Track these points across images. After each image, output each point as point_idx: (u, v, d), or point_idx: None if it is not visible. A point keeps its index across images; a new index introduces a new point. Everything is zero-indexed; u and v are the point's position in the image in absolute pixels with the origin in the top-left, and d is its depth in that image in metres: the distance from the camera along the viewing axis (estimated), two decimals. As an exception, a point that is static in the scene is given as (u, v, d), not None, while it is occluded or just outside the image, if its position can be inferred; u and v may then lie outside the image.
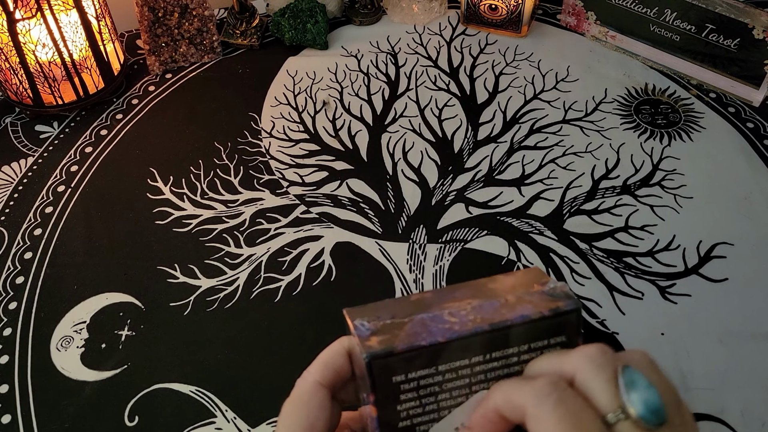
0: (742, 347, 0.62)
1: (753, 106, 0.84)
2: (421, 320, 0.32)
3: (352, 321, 0.33)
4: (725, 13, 0.79)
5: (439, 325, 0.32)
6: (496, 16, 0.92)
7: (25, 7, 0.75)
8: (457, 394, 0.32)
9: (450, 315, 0.32)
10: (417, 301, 0.34)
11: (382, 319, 0.33)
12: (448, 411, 0.33)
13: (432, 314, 0.33)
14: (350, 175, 0.79)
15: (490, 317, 0.32)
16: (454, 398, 0.33)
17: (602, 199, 0.75)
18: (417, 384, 0.32)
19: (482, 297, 0.33)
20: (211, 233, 0.73)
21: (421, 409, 0.32)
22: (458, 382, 0.32)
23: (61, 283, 0.70)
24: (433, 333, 0.31)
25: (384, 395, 0.32)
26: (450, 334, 0.31)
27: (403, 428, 0.33)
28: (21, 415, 0.61)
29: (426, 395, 0.32)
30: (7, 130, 0.85)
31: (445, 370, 0.32)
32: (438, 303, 0.33)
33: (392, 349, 0.31)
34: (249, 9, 0.94)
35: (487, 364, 0.32)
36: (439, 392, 0.32)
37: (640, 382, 0.27)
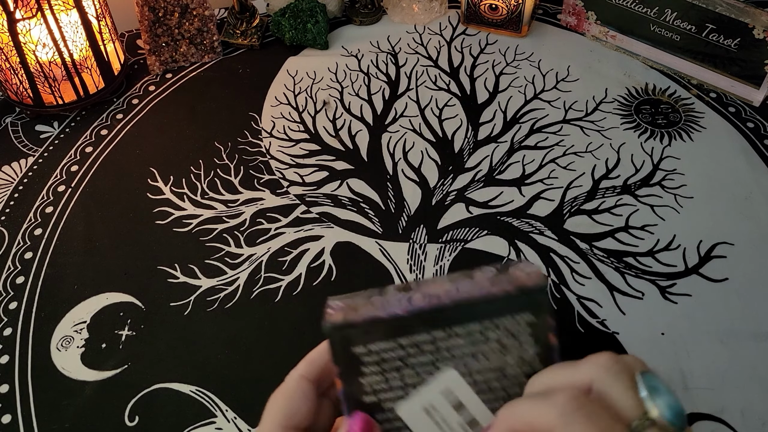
0: (742, 347, 0.62)
1: (753, 106, 0.84)
2: (386, 300, 0.33)
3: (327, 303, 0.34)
4: (725, 13, 0.79)
5: (403, 302, 0.32)
6: (496, 15, 0.92)
7: (26, 7, 0.75)
8: (422, 370, 0.33)
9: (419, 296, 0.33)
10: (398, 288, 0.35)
11: (352, 301, 0.33)
12: (414, 388, 0.33)
13: (399, 295, 0.33)
14: (350, 174, 0.79)
15: (454, 293, 0.32)
16: (419, 375, 0.33)
17: (602, 199, 0.75)
18: (379, 357, 0.32)
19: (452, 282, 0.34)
20: (212, 233, 0.73)
21: (386, 384, 0.33)
22: (422, 357, 0.32)
23: (62, 283, 0.70)
24: (393, 306, 0.32)
25: (345, 366, 0.32)
26: (410, 308, 0.32)
27: (369, 403, 0.33)
28: (21, 415, 0.61)
29: (390, 369, 0.32)
30: (7, 130, 0.85)
31: (407, 344, 0.32)
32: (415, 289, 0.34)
33: (351, 320, 0.32)
34: (249, 9, 0.94)
35: (450, 339, 0.32)
36: (402, 367, 0.32)
37: (662, 388, 0.27)
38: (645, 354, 0.62)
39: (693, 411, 0.59)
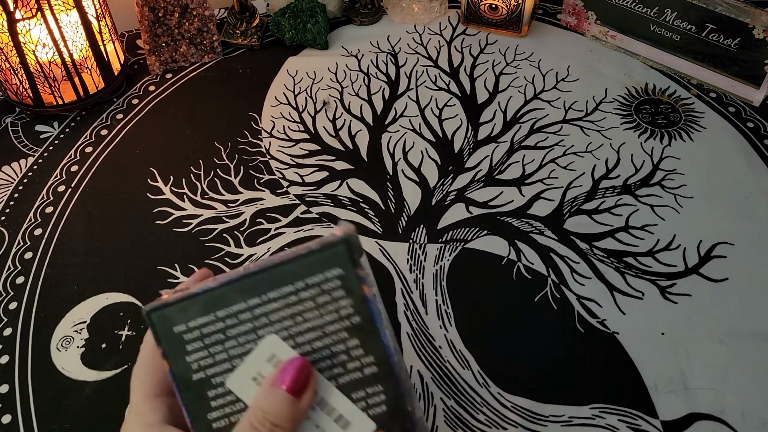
0: (742, 347, 0.62)
1: (753, 106, 0.84)
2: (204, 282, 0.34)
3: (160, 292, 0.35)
4: (725, 13, 0.79)
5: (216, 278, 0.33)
6: (496, 15, 0.92)
7: (26, 7, 0.75)
8: (244, 340, 0.33)
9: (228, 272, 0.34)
10: None
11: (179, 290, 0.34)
12: (240, 359, 0.33)
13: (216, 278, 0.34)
14: (350, 175, 0.79)
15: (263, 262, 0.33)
16: (242, 345, 0.33)
17: (602, 199, 0.75)
18: (200, 333, 0.33)
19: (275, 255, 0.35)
20: (212, 233, 0.73)
21: (212, 359, 0.33)
22: (242, 327, 0.33)
23: (62, 283, 0.70)
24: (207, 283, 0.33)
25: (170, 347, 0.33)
26: (221, 280, 0.33)
27: (198, 381, 0.33)
28: (21, 415, 0.61)
29: (212, 344, 0.33)
30: (7, 130, 0.85)
31: (225, 315, 0.33)
32: None
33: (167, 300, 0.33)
34: (249, 9, 0.94)
35: (267, 305, 0.33)
36: (225, 340, 0.33)
37: None
38: (645, 354, 0.62)
39: (693, 411, 0.59)
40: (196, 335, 0.33)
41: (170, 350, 0.33)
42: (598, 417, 0.59)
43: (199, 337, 0.33)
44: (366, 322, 0.33)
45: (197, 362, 0.33)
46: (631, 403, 0.59)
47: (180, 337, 0.33)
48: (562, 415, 0.59)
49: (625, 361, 0.62)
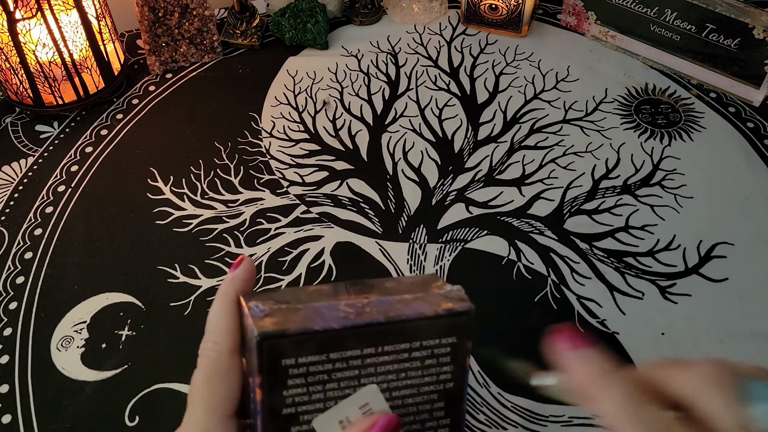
0: (742, 347, 0.62)
1: (753, 106, 0.84)
2: (316, 308, 0.32)
3: (246, 303, 0.33)
4: (725, 13, 0.79)
5: (335, 314, 0.32)
6: (496, 15, 0.92)
7: (26, 7, 0.75)
8: (345, 385, 0.32)
9: (347, 306, 0.32)
10: (314, 291, 0.34)
11: (278, 304, 0.32)
12: (335, 402, 0.32)
13: (328, 303, 0.33)
14: (350, 174, 0.79)
15: (386, 311, 0.32)
16: (342, 389, 0.32)
17: (602, 199, 0.75)
18: (306, 370, 0.31)
19: (379, 293, 0.34)
20: (212, 233, 0.73)
21: (308, 397, 0.32)
22: (348, 372, 0.32)
23: (62, 283, 0.70)
24: (327, 320, 0.31)
25: (271, 378, 0.31)
26: (345, 322, 0.31)
27: (287, 415, 0.32)
28: (21, 415, 0.61)
29: (314, 383, 0.32)
30: (7, 130, 0.85)
31: (337, 358, 0.32)
32: (334, 295, 0.34)
33: (284, 330, 0.31)
34: (249, 9, 0.94)
35: (379, 357, 0.32)
36: (327, 381, 0.32)
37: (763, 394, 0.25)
38: (645, 354, 0.62)
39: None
40: (302, 372, 0.31)
41: (269, 382, 0.31)
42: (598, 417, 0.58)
43: (303, 374, 0.31)
44: (456, 390, 0.34)
45: (293, 398, 0.32)
46: (631, 403, 0.59)
47: (285, 371, 0.31)
48: (562, 415, 0.59)
49: (626, 361, 0.62)
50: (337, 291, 0.34)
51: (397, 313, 0.32)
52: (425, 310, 0.32)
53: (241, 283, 0.35)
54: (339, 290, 0.34)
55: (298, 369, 0.31)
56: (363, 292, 0.34)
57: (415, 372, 0.33)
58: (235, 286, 0.35)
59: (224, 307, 0.34)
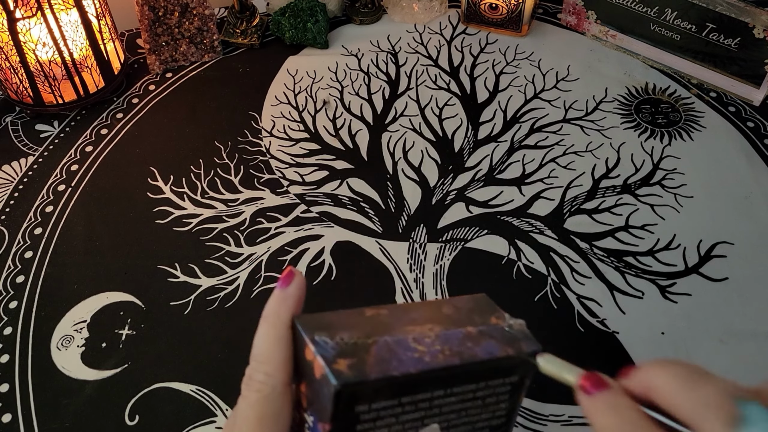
0: (742, 346, 0.62)
1: (753, 106, 0.84)
2: (386, 344, 0.30)
3: (310, 336, 0.30)
4: (726, 13, 0.79)
5: (408, 353, 0.30)
6: (496, 15, 0.92)
7: (26, 6, 0.75)
8: (410, 426, 0.31)
9: (415, 341, 0.31)
10: (373, 317, 0.32)
11: (344, 338, 0.30)
12: None
13: (396, 338, 0.31)
14: (350, 174, 0.79)
15: (457, 349, 0.31)
16: (405, 429, 0.31)
17: (602, 199, 0.75)
18: (377, 415, 0.30)
19: (440, 323, 0.33)
20: (212, 232, 0.73)
21: None
22: (414, 414, 0.31)
23: (62, 282, 0.70)
24: (404, 362, 0.29)
25: (341, 424, 0.29)
26: (422, 366, 0.30)
27: None
28: (21, 414, 0.61)
29: (381, 426, 0.30)
30: (7, 130, 0.85)
31: (407, 402, 0.30)
32: (397, 324, 0.32)
33: (364, 377, 0.28)
34: (249, 8, 0.94)
35: (446, 398, 0.31)
36: (393, 423, 0.31)
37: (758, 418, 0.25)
38: (645, 354, 0.62)
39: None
40: (372, 416, 0.30)
41: (340, 427, 0.29)
42: None
43: (373, 419, 0.30)
44: (505, 425, 0.34)
45: None
46: (631, 402, 0.59)
47: (356, 417, 0.29)
48: (563, 414, 0.59)
49: (625, 361, 0.62)
50: (397, 318, 0.32)
51: (470, 354, 0.31)
52: (496, 351, 0.31)
53: (294, 303, 0.31)
54: (399, 317, 0.32)
55: (369, 414, 0.30)
56: (423, 321, 0.32)
57: (475, 410, 0.32)
58: (288, 306, 0.31)
59: (277, 333, 0.31)
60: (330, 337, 0.30)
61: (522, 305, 0.66)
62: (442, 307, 0.34)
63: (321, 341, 0.30)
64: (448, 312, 0.34)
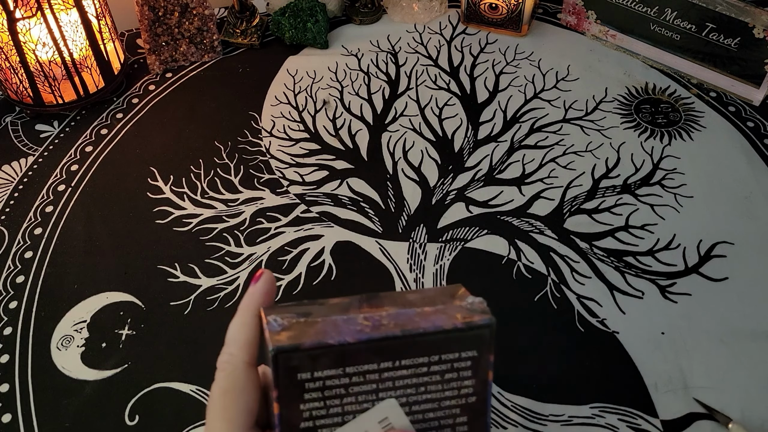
0: (742, 346, 0.62)
1: (753, 105, 0.84)
2: (334, 321, 0.32)
3: (266, 317, 0.33)
4: (725, 12, 0.79)
5: (351, 327, 0.31)
6: (496, 15, 0.92)
7: (25, 6, 0.75)
8: (363, 399, 0.32)
9: (364, 319, 0.32)
10: (335, 304, 0.34)
11: (296, 318, 0.32)
12: (353, 416, 0.32)
13: (346, 317, 0.32)
14: (350, 174, 0.79)
15: (403, 324, 0.32)
16: (360, 403, 0.32)
17: (602, 199, 0.75)
18: (322, 384, 0.31)
19: (400, 306, 0.33)
20: (212, 232, 0.73)
21: (325, 411, 0.32)
22: (365, 386, 0.32)
23: (62, 282, 0.70)
24: (343, 333, 0.31)
25: (287, 392, 0.31)
26: (360, 336, 0.31)
27: (304, 429, 0.32)
28: (21, 414, 0.61)
29: (331, 397, 0.32)
30: (7, 130, 0.85)
31: (353, 372, 0.31)
32: (355, 308, 0.33)
33: (299, 344, 0.31)
34: (249, 8, 0.94)
35: (397, 371, 0.32)
36: (344, 395, 0.32)
37: None
38: (645, 353, 0.62)
39: (693, 410, 0.59)
40: (318, 386, 0.31)
41: (286, 396, 0.31)
42: (598, 416, 0.59)
43: (319, 388, 0.31)
44: (479, 403, 0.34)
45: (310, 411, 0.32)
46: (630, 402, 0.59)
47: (301, 385, 0.31)
48: (562, 414, 0.59)
49: (625, 361, 0.62)
50: (359, 304, 0.34)
51: (414, 326, 0.32)
52: (443, 323, 0.32)
53: (261, 297, 0.35)
54: (361, 303, 0.34)
55: (314, 383, 0.31)
56: (384, 305, 0.33)
57: (435, 386, 0.33)
58: (255, 299, 0.35)
59: (243, 320, 0.34)
60: (282, 317, 0.32)
61: (522, 305, 0.66)
62: (409, 294, 0.35)
63: (272, 320, 0.32)
64: (412, 298, 0.34)
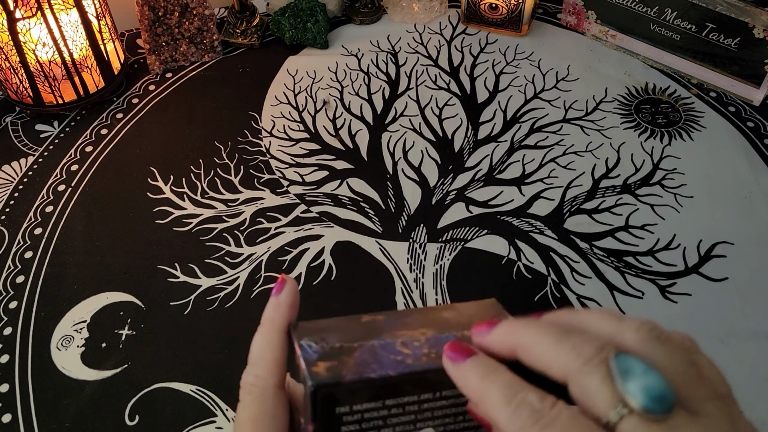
0: (742, 346, 0.62)
1: (753, 106, 0.84)
2: (372, 348, 0.30)
3: (298, 341, 0.31)
4: (726, 12, 0.79)
5: (391, 356, 0.30)
6: (496, 15, 0.92)
7: (26, 6, 0.75)
8: (401, 430, 0.31)
9: (403, 345, 0.31)
10: (368, 323, 0.32)
11: (330, 342, 0.31)
12: None
13: (383, 341, 0.31)
14: (350, 174, 0.79)
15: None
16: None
17: (602, 199, 0.75)
18: (361, 416, 0.30)
19: (436, 327, 0.32)
20: (212, 232, 0.73)
21: None
22: (403, 417, 0.31)
23: (62, 282, 0.70)
24: (384, 365, 0.30)
25: (324, 426, 0.30)
26: (402, 368, 0.30)
27: None
28: (21, 415, 0.61)
29: (369, 429, 0.30)
30: (7, 130, 0.85)
31: (393, 404, 0.30)
32: (390, 328, 0.32)
33: (339, 379, 0.29)
34: (249, 8, 0.94)
35: (437, 402, 0.31)
36: (382, 426, 0.31)
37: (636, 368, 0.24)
38: (645, 353, 0.62)
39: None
40: (356, 418, 0.30)
41: (323, 429, 0.30)
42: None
43: (357, 421, 0.30)
44: None
45: None
46: (631, 402, 0.59)
47: (339, 418, 0.30)
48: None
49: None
50: (393, 323, 0.32)
51: None
52: None
53: (287, 310, 0.32)
54: (395, 322, 0.33)
55: (352, 416, 0.30)
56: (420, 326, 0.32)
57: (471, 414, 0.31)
58: (281, 313, 0.32)
59: (269, 337, 0.32)
60: (316, 341, 0.31)
61: (522, 305, 0.66)
62: (444, 311, 0.34)
63: (306, 345, 0.30)
64: (447, 316, 0.33)
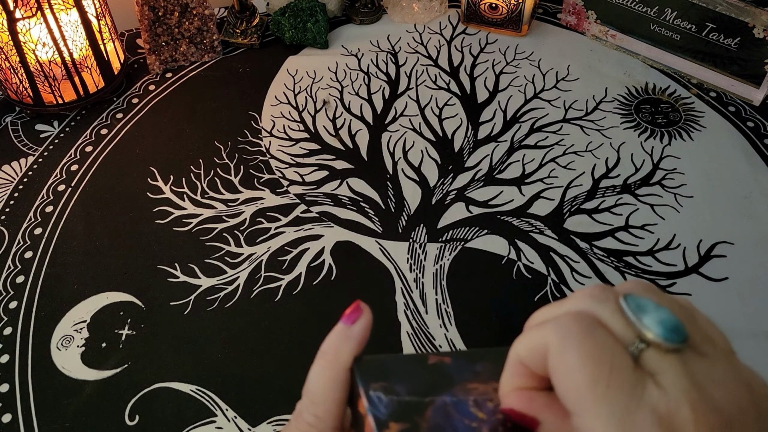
0: (742, 346, 0.62)
1: (753, 105, 0.84)
2: (444, 407, 0.29)
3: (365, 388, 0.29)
4: (726, 12, 0.79)
5: (465, 421, 0.28)
6: (496, 15, 0.92)
7: (25, 6, 0.75)
8: None
9: (475, 406, 0.29)
10: (436, 367, 0.31)
11: (400, 394, 0.29)
12: None
13: (456, 398, 0.29)
14: (350, 174, 0.79)
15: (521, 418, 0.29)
16: None
17: (602, 199, 0.75)
18: None
19: None
20: (212, 232, 0.73)
21: None
22: None
23: (62, 282, 0.70)
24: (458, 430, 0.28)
25: None
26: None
27: None
28: (21, 414, 0.61)
29: None
30: (7, 130, 0.85)
31: None
32: (460, 379, 0.30)
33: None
34: (249, 8, 0.94)
35: None
36: None
37: (648, 305, 0.25)
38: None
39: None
40: None
41: None
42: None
43: None
44: None
45: None
46: (631, 402, 0.59)
47: None
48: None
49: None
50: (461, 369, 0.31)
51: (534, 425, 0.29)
52: None
53: (356, 346, 0.29)
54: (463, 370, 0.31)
55: None
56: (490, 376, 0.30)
57: None
58: (349, 348, 0.29)
59: (333, 374, 0.29)
60: (385, 391, 0.28)
61: (522, 305, 0.66)
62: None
63: (375, 397, 0.28)
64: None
